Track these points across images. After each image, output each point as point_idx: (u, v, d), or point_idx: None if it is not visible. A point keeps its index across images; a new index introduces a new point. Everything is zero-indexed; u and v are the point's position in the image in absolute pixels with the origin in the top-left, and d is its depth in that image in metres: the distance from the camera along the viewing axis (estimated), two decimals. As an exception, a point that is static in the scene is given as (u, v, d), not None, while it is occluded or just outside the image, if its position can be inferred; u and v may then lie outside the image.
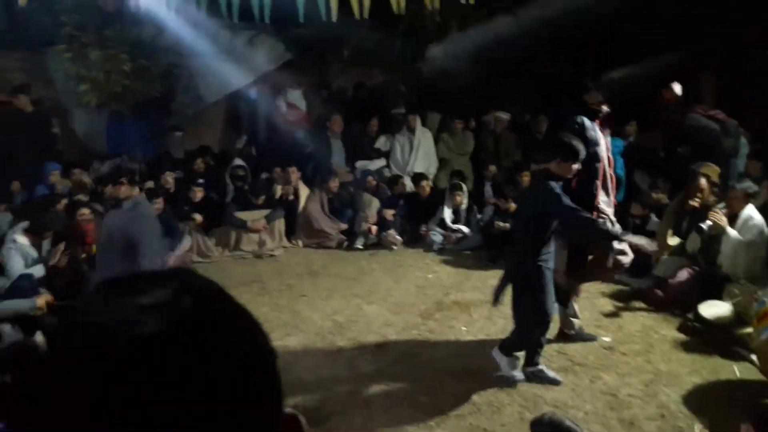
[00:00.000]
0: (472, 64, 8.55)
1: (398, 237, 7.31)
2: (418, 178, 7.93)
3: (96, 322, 0.51)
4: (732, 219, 5.12)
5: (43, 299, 5.14)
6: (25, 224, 5.55)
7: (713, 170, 5.90)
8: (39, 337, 4.50)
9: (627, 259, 4.68)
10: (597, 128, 4.54)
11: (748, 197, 5.09)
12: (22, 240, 5.56)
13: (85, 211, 5.82)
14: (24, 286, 5.19)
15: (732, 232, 5.02)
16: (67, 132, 8.63)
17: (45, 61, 8.37)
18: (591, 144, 4.37)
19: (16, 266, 5.41)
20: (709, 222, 5.12)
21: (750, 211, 5.08)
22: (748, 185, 5.14)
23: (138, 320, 0.50)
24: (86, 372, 0.48)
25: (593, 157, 4.41)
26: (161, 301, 0.52)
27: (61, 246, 5.46)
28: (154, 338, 0.49)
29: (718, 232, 5.12)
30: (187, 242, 7.10)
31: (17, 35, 8.08)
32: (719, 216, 5.10)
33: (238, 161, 8.55)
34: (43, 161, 7.53)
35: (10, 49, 8.18)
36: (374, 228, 7.47)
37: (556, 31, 8.07)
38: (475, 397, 4.01)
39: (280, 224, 7.51)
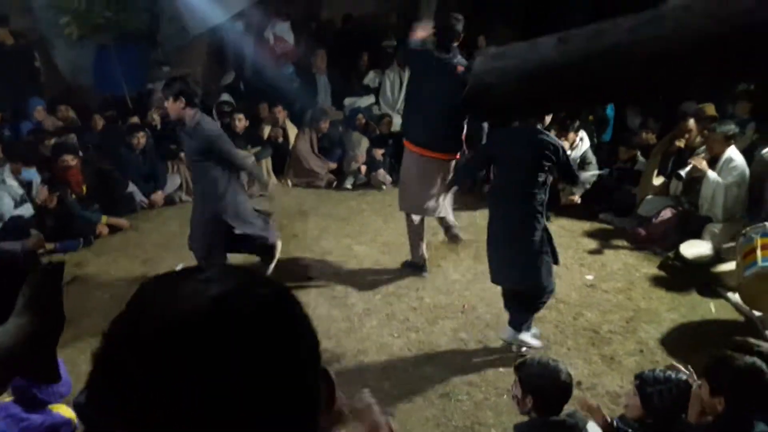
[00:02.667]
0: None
1: (388, 177, 7.32)
2: (408, 116, 7.85)
3: (171, 290, 0.63)
4: (714, 161, 5.21)
5: (32, 242, 5.19)
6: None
7: (708, 108, 5.93)
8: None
9: None
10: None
11: (729, 139, 5.15)
12: (11, 181, 5.55)
13: (68, 157, 5.78)
14: (15, 228, 5.22)
15: (712, 175, 5.11)
16: (49, 66, 8.41)
17: (23, -10, 8.04)
18: None
19: (6, 207, 5.42)
20: (687, 168, 5.24)
21: (731, 153, 5.14)
22: (729, 128, 5.18)
23: (207, 286, 0.62)
24: (171, 323, 0.59)
25: None
26: (217, 275, 0.64)
27: (45, 190, 5.47)
28: (224, 296, 0.61)
29: (699, 175, 5.22)
30: (176, 180, 7.08)
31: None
32: (699, 160, 5.20)
33: (225, 96, 8.44)
34: (27, 97, 7.40)
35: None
36: (364, 168, 7.48)
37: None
38: (462, 334, 4.19)
39: (267, 163, 7.49)
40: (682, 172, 5.29)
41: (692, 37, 1.08)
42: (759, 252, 3.87)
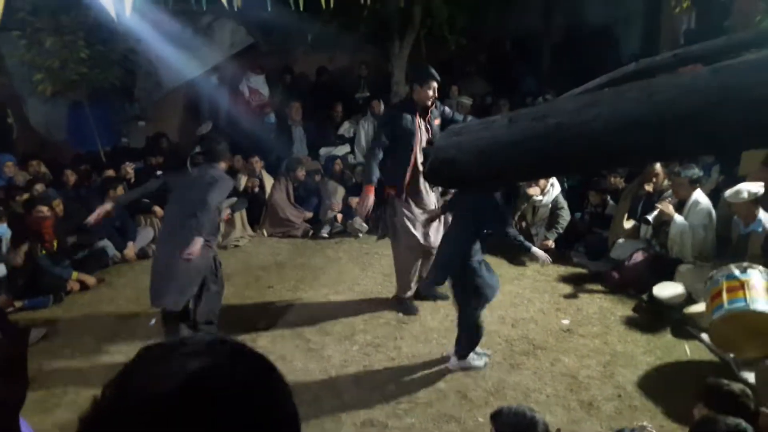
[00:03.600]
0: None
1: (364, 225, 7.35)
2: (382, 164, 7.94)
3: (160, 363, 0.65)
4: (682, 204, 5.34)
5: (1, 300, 5.09)
6: None
7: None
8: None
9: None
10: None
11: (694, 183, 5.31)
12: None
13: (43, 208, 5.71)
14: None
15: (678, 219, 5.24)
16: (21, 122, 8.39)
17: (-3, 47, 8.08)
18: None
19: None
20: (654, 213, 5.36)
21: (697, 196, 5.29)
22: (693, 172, 5.35)
23: (187, 361, 0.64)
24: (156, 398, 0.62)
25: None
26: (204, 348, 0.67)
27: (24, 247, 5.38)
28: (199, 375, 0.64)
29: (667, 219, 5.34)
30: (149, 234, 7.01)
31: (-34, 21, 7.77)
32: (665, 204, 5.32)
33: (200, 148, 8.45)
34: (-3, 153, 7.36)
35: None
36: (340, 216, 7.50)
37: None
38: (441, 384, 4.14)
39: (242, 215, 7.47)
40: (650, 217, 5.40)
41: (625, 119, 1.17)
42: (725, 295, 3.92)
